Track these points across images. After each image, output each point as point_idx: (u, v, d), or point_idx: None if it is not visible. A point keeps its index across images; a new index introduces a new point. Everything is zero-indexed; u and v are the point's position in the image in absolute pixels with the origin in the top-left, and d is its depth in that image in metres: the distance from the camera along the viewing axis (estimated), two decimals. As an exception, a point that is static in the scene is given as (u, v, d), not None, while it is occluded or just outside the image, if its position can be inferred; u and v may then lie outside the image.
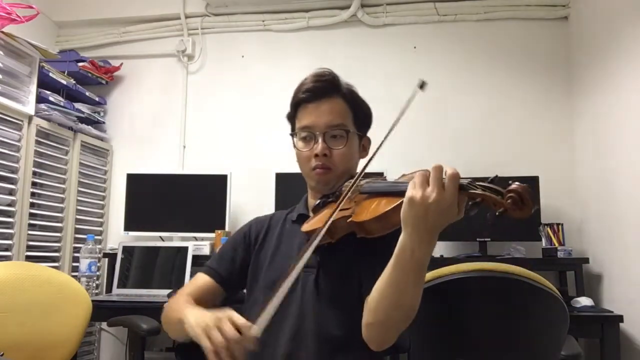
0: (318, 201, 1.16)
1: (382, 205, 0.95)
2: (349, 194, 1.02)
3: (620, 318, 2.03)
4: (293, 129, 1.23)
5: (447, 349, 1.35)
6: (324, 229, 0.96)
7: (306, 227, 1.11)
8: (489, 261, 1.72)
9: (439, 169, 0.83)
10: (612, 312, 2.11)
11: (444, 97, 2.84)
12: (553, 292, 1.29)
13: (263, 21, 3.07)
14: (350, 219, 0.99)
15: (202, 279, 1.22)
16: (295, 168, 1.24)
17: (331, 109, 1.16)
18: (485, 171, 2.73)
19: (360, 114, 1.21)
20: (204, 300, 1.13)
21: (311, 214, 1.18)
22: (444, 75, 2.86)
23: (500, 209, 0.77)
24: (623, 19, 2.19)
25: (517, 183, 0.78)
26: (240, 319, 0.88)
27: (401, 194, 0.87)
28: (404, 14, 2.95)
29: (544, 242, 2.46)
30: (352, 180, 1.04)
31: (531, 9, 2.84)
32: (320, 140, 1.14)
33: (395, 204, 0.89)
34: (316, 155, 1.14)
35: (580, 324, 2.03)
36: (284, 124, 1.27)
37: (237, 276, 1.22)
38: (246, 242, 1.25)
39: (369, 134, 1.26)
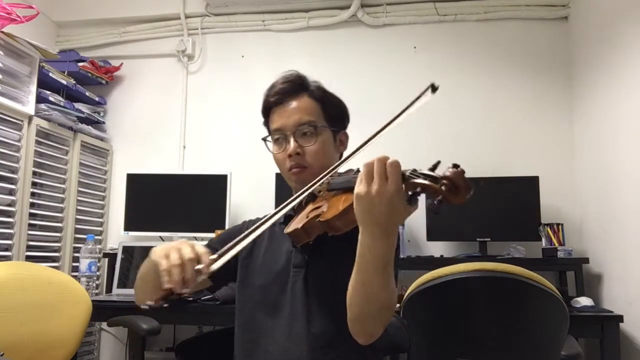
0: None
1: (342, 202, 0.96)
2: (316, 185, 1.02)
3: (620, 318, 2.03)
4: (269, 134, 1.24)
5: (447, 349, 1.35)
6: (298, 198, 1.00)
7: (288, 229, 1.11)
8: (489, 261, 1.72)
9: (382, 161, 0.84)
10: (612, 312, 2.11)
11: (444, 97, 2.83)
12: (553, 292, 1.29)
13: (263, 21, 3.07)
14: (319, 218, 1.00)
15: None
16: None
17: (299, 108, 1.17)
18: (486, 171, 2.74)
19: (331, 109, 1.21)
20: None
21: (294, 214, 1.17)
22: (444, 75, 2.86)
23: (439, 197, 0.77)
24: (623, 19, 2.19)
25: (451, 169, 0.77)
26: (201, 248, 0.91)
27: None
28: (404, 14, 2.94)
29: (544, 242, 2.46)
30: (320, 175, 1.04)
31: (531, 9, 2.84)
32: (291, 140, 1.15)
33: (351, 201, 0.90)
34: (289, 156, 1.15)
35: (580, 324, 2.03)
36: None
37: (225, 268, 1.20)
38: None
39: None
